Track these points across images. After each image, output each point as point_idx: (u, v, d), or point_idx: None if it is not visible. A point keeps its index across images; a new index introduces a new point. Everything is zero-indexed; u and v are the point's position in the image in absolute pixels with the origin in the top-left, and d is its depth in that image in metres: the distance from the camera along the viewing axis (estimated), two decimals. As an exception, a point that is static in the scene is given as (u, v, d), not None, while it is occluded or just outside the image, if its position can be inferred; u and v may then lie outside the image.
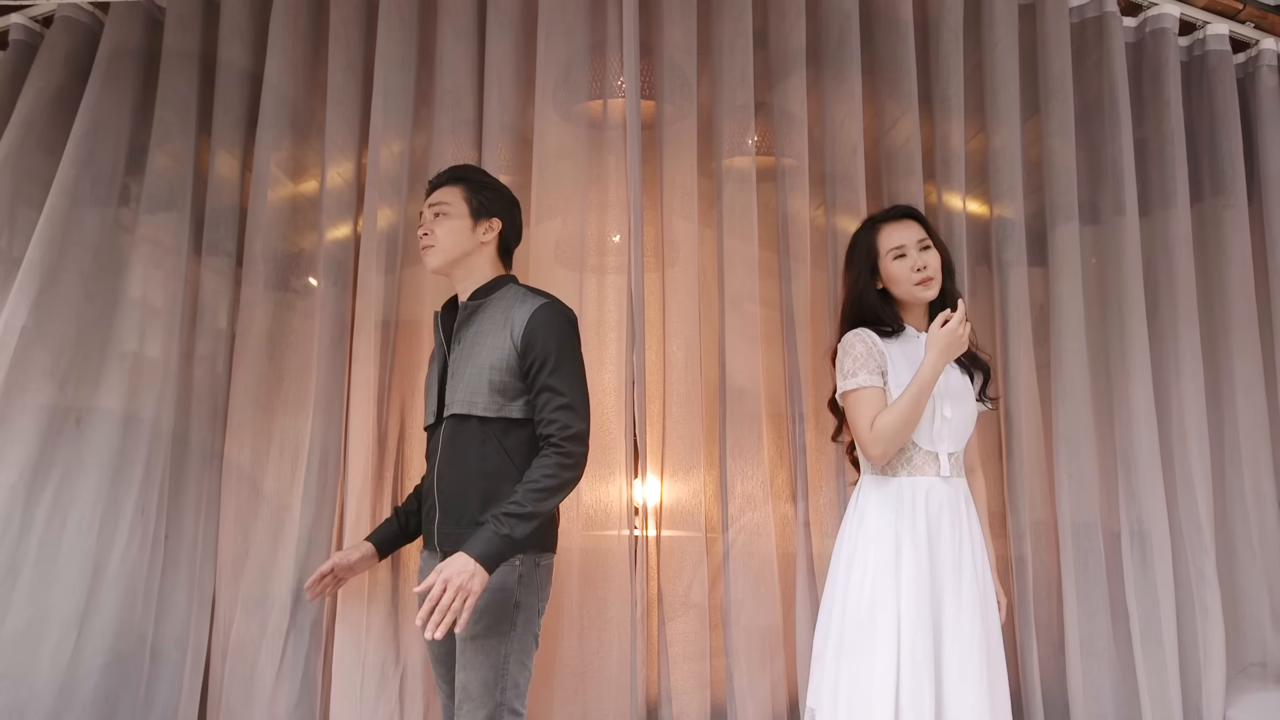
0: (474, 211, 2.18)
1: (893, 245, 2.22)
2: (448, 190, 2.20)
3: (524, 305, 2.09)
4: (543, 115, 2.60)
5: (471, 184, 2.20)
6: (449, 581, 1.88)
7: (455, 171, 2.23)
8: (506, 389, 2.06)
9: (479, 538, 1.92)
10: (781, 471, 2.62)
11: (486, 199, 2.19)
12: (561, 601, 2.41)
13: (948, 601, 2.07)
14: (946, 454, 2.14)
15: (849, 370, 2.15)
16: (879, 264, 2.24)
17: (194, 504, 2.60)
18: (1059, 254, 2.78)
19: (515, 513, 1.94)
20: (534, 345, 2.04)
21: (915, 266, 2.19)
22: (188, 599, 2.53)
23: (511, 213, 2.25)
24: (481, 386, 2.07)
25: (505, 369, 2.06)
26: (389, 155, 2.63)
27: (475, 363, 2.09)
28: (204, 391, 2.64)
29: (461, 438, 2.09)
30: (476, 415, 2.07)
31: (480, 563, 1.90)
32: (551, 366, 2.03)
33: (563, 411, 2.01)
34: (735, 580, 2.48)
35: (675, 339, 2.57)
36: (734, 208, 2.62)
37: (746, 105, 2.65)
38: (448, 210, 2.17)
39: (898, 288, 2.22)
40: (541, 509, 1.96)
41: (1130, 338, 2.74)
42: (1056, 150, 2.80)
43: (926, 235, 2.23)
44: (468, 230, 2.17)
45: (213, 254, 2.69)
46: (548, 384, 2.02)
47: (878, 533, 2.10)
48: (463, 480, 2.08)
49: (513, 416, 2.07)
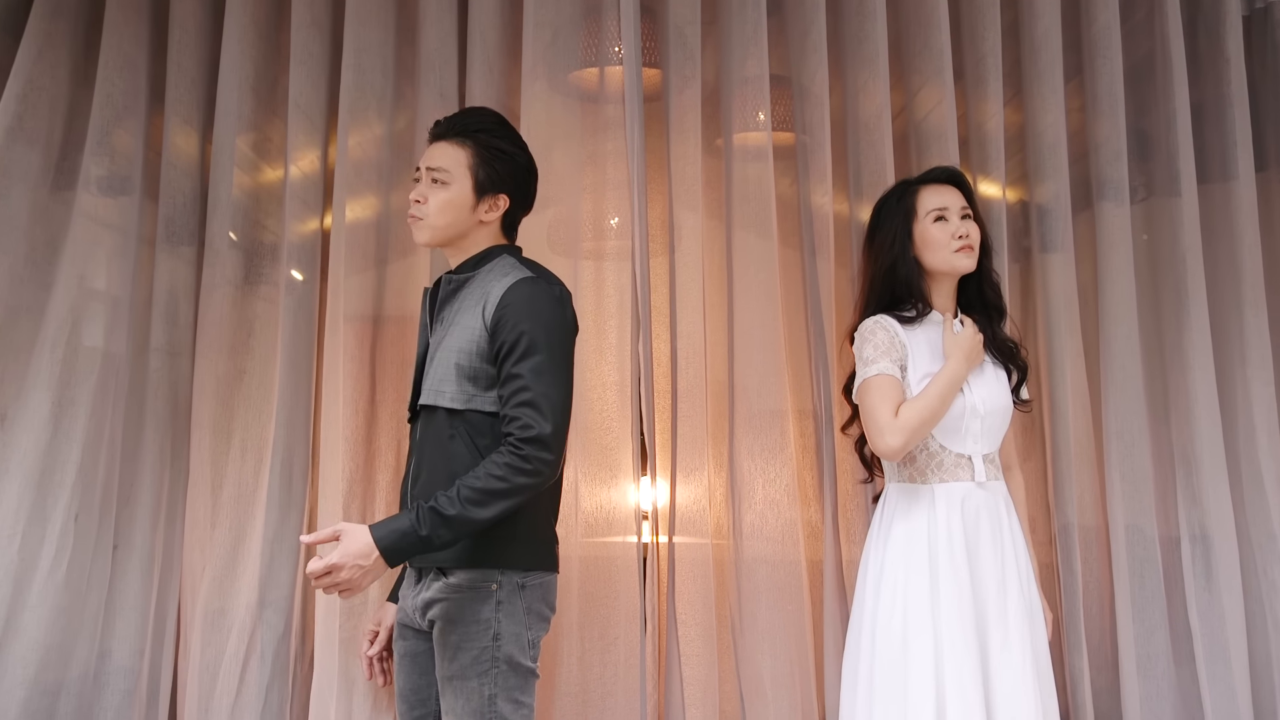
0: (478, 185, 1.86)
1: (934, 206, 2.06)
2: (451, 150, 1.86)
3: (505, 279, 1.82)
4: (531, 86, 2.39)
5: (481, 148, 1.86)
6: (338, 568, 1.66)
7: (464, 123, 1.89)
8: (477, 376, 1.79)
9: (392, 525, 1.69)
10: (807, 474, 2.44)
11: (497, 171, 1.86)
12: (559, 620, 2.20)
13: (993, 624, 1.91)
14: (980, 456, 2.01)
15: (869, 357, 1.99)
16: (914, 228, 2.06)
17: (149, 510, 2.36)
18: (1107, 230, 2.57)
19: (440, 509, 1.68)
20: (504, 326, 1.76)
21: (956, 233, 2.02)
22: (141, 618, 2.28)
23: (524, 186, 1.93)
24: (449, 373, 1.80)
25: (475, 353, 1.79)
26: (362, 137, 2.41)
27: (447, 345, 1.83)
28: (160, 386, 2.40)
29: (431, 432, 1.84)
30: (444, 406, 1.81)
31: (383, 555, 1.68)
32: (521, 352, 1.74)
33: (525, 409, 1.72)
34: (757, 595, 2.32)
35: (684, 329, 2.39)
36: (744, 191, 2.44)
37: (760, 77, 2.45)
38: (445, 179, 1.85)
39: (933, 254, 2.04)
40: (473, 515, 1.68)
41: (1188, 322, 2.54)
42: (1103, 115, 2.58)
43: (969, 204, 2.07)
44: (466, 207, 1.86)
45: (169, 236, 2.45)
46: (514, 372, 1.74)
47: (908, 549, 1.95)
48: (430, 482, 1.82)
49: (485, 410, 1.79)
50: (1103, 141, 2.57)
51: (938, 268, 2.05)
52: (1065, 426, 2.46)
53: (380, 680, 2.09)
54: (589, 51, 2.48)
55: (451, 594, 1.77)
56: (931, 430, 1.97)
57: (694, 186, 2.42)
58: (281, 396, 2.34)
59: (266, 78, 2.51)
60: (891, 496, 2.05)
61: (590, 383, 2.35)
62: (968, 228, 2.05)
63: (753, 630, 2.30)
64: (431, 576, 1.81)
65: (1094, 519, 2.50)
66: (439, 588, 1.78)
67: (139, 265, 2.42)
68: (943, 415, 1.96)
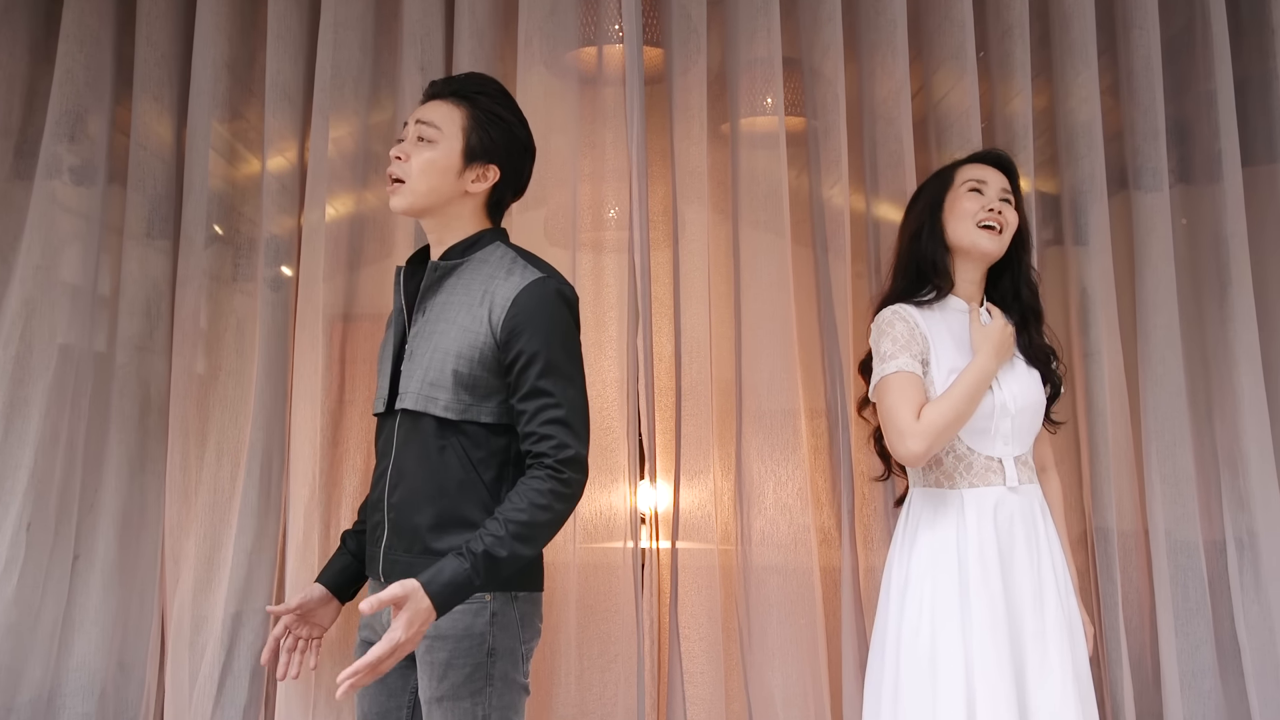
0: (468, 150, 1.70)
1: (973, 177, 1.94)
2: (445, 108, 1.71)
3: (510, 278, 1.66)
4: (527, 60, 2.26)
5: (478, 111, 1.71)
6: (400, 647, 1.47)
7: (465, 84, 1.74)
8: (477, 385, 1.64)
9: (446, 579, 1.50)
10: (820, 476, 2.31)
11: (491, 137, 1.71)
12: (557, 635, 2.12)
13: (1029, 641, 1.78)
14: (1012, 458, 1.87)
15: (887, 352, 1.85)
16: (947, 196, 1.94)
17: (114, 517, 2.21)
18: (1144, 215, 2.43)
19: (493, 553, 1.53)
20: (519, 334, 1.62)
21: (987, 206, 1.90)
22: (103, 634, 2.13)
23: (518, 163, 1.77)
24: (444, 379, 1.64)
25: (477, 360, 1.63)
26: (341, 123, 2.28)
27: (439, 345, 1.66)
28: (127, 384, 2.26)
29: (416, 440, 1.67)
30: (434, 415, 1.64)
31: (438, 612, 1.51)
32: (543, 365, 1.61)
33: (557, 427, 1.60)
34: (768, 607, 2.20)
35: (688, 324, 2.27)
36: (752, 182, 2.32)
37: (770, 59, 2.32)
38: (435, 137, 1.69)
39: (957, 224, 1.92)
40: (522, 553, 1.56)
41: (1232, 313, 2.40)
42: (1139, 91, 2.42)
43: (1012, 191, 1.97)
44: (451, 171, 1.70)
45: (139, 224, 2.32)
46: (540, 387, 1.61)
47: (935, 561, 1.81)
48: (413, 494, 1.67)
49: (482, 421, 1.65)
50: (1139, 118, 2.43)
51: (959, 241, 1.92)
52: (1103, 426, 2.33)
53: (282, 674, 1.82)
54: (587, 29, 2.36)
55: None
56: (958, 432, 1.83)
57: (699, 175, 2.30)
58: (259, 397, 2.23)
59: (243, 55, 2.37)
60: (916, 502, 1.91)
61: (590, 379, 2.19)
62: (1003, 208, 1.92)
63: (762, 645, 2.18)
64: None
65: (1133, 524, 2.37)
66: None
67: (104, 255, 2.29)
68: (970, 416, 1.82)
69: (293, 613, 1.79)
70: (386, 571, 1.69)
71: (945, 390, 1.82)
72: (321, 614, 1.84)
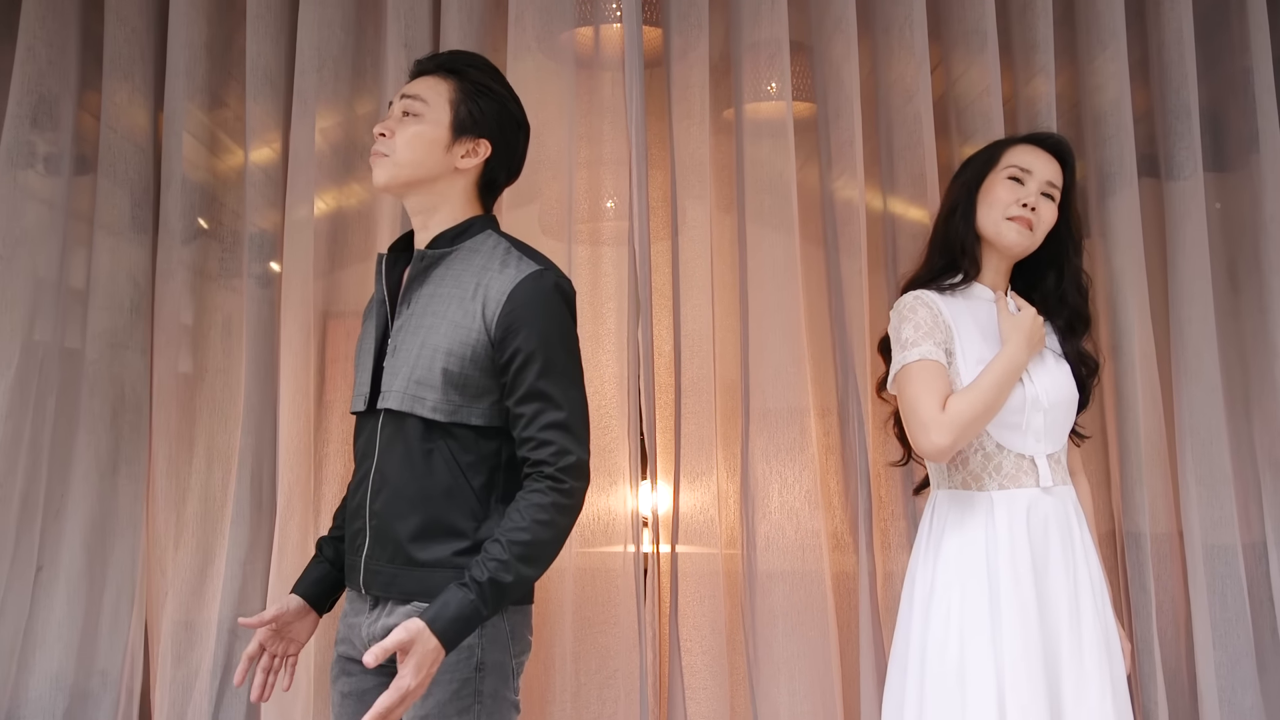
0: (456, 123, 1.61)
1: (1017, 163, 1.83)
2: (432, 83, 1.63)
3: (505, 270, 1.57)
4: (517, 45, 2.15)
5: (467, 83, 1.63)
6: (408, 694, 1.39)
7: (451, 59, 1.67)
8: (468, 385, 1.54)
9: (452, 615, 1.43)
10: (832, 478, 2.21)
11: (481, 110, 1.62)
12: (551, 648, 2.02)
13: (1065, 657, 1.68)
14: (1045, 456, 1.77)
15: (909, 339, 1.75)
16: (986, 177, 1.83)
17: (81, 525, 2.09)
18: (1176, 198, 2.31)
19: (499, 580, 1.45)
20: (515, 332, 1.53)
21: (1022, 200, 1.78)
22: (67, 650, 2.01)
23: (510, 138, 1.67)
24: (433, 377, 1.54)
25: (469, 358, 1.53)
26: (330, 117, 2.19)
27: (428, 341, 1.55)
28: (98, 383, 2.15)
29: (400, 442, 1.57)
30: (421, 416, 1.54)
31: (445, 649, 1.44)
32: (542, 364, 1.52)
33: (557, 432, 1.52)
34: (774, 617, 2.10)
35: (688, 319, 2.18)
36: (757, 173, 2.22)
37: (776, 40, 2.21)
38: (421, 111, 1.61)
39: (986, 211, 1.83)
40: (528, 574, 1.49)
41: (1272, 302, 2.28)
42: (1170, 65, 2.30)
43: (1061, 186, 1.85)
44: (440, 146, 1.60)
45: (110, 212, 2.20)
46: (538, 389, 1.52)
47: (962, 568, 1.71)
48: (396, 500, 1.56)
49: (472, 423, 1.54)
50: (1170, 96, 2.31)
51: (985, 230, 1.83)
52: (1134, 423, 2.21)
53: (256, 695, 1.70)
54: (583, 7, 2.27)
55: None
56: (986, 426, 1.72)
57: (700, 164, 2.20)
58: (248, 399, 2.14)
59: (221, 35, 2.26)
60: (941, 505, 1.80)
61: (586, 378, 2.09)
62: (1041, 204, 1.81)
63: (769, 657, 2.08)
64: (397, 599, 1.56)
65: (1166, 528, 2.26)
66: (409, 611, 1.53)
67: (73, 246, 2.17)
68: (999, 409, 1.72)
69: (268, 625, 1.66)
70: (367, 582, 1.58)
71: (972, 381, 1.71)
72: (298, 627, 1.72)
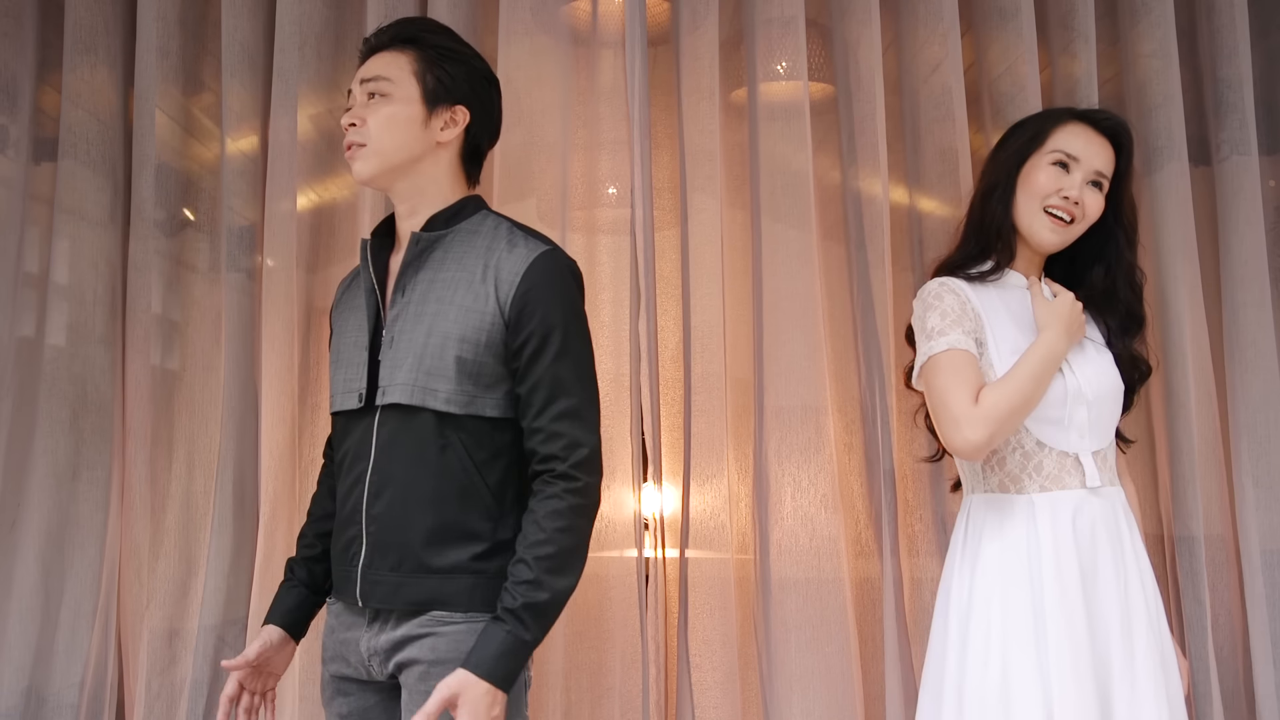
0: (428, 94, 1.53)
1: (1064, 147, 1.68)
2: (389, 59, 1.55)
3: (515, 250, 1.50)
4: (509, 21, 2.06)
5: (428, 50, 1.56)
6: None
7: (402, 29, 1.59)
8: (482, 373, 1.46)
9: (498, 652, 1.38)
10: (854, 479, 2.09)
11: (449, 75, 1.55)
12: (545, 666, 1.93)
13: (1117, 675, 1.55)
14: (1090, 454, 1.64)
15: (936, 327, 1.64)
16: (1030, 157, 1.69)
17: (38, 537, 2.00)
18: (1229, 175, 2.16)
19: (535, 603, 1.40)
20: (531, 314, 1.46)
21: (1064, 192, 1.66)
22: (17, 672, 1.92)
23: (484, 96, 1.60)
24: (445, 367, 1.45)
25: (483, 344, 1.45)
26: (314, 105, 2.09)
27: (436, 328, 1.47)
28: (57, 382, 2.05)
29: (406, 439, 1.47)
30: (435, 409, 1.44)
31: (500, 689, 1.38)
32: (558, 348, 1.46)
33: (568, 422, 1.45)
34: (788, 629, 2.01)
35: (698, 311, 2.08)
36: (771, 162, 2.12)
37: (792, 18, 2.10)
38: (388, 90, 1.52)
39: (1024, 200, 1.70)
40: (562, 588, 1.43)
41: None
42: (1220, 31, 2.15)
43: (1113, 176, 1.71)
44: (416, 123, 1.53)
45: (72, 198, 2.09)
46: (553, 374, 1.46)
47: (1003, 579, 1.59)
48: (405, 503, 1.47)
49: (486, 415, 1.46)
50: (1221, 64, 2.16)
51: (1020, 220, 1.71)
52: (1185, 419, 2.07)
53: None
54: None
55: (441, 626, 1.44)
56: (1024, 421, 1.59)
57: (709, 147, 2.09)
58: (229, 402, 2.05)
59: (194, 9, 2.16)
60: (977, 511, 1.66)
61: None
62: (1087, 196, 1.67)
63: (783, 673, 1.97)
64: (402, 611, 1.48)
65: (1221, 533, 2.11)
66: (423, 622, 1.45)
67: (29, 230, 2.07)
68: (1038, 402, 1.59)
69: (252, 665, 1.58)
70: (366, 594, 1.48)
71: (1007, 372, 1.58)
72: (277, 661, 1.63)
